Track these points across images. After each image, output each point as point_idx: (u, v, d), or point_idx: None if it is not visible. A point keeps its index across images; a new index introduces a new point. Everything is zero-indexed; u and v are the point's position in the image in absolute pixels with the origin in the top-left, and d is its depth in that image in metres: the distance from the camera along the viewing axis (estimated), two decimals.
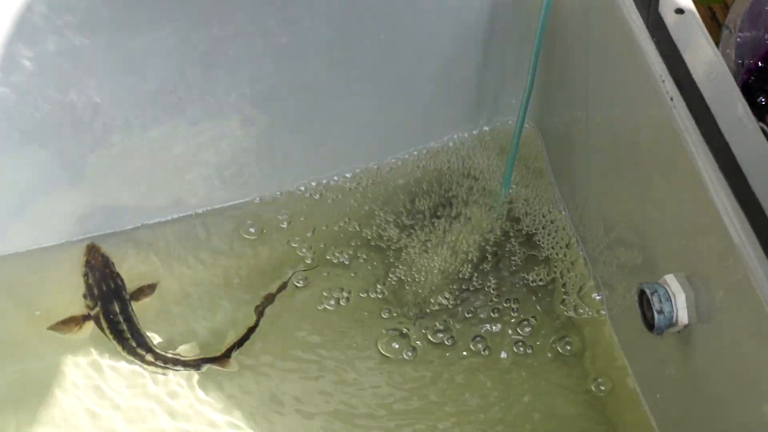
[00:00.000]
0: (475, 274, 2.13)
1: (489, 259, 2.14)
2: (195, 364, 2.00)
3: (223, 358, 2.00)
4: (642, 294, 1.58)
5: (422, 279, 2.12)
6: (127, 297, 2.05)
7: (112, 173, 2.09)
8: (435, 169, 2.29)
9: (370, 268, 2.15)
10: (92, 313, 2.03)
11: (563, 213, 2.19)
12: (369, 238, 2.19)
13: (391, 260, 2.15)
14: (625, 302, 1.93)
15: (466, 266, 2.14)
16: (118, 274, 2.08)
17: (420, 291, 2.11)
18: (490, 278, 2.12)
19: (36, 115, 1.92)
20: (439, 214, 2.21)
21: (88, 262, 2.08)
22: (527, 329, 2.05)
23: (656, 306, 1.55)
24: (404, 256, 2.16)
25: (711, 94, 1.50)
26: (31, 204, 2.07)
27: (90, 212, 2.14)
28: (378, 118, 2.23)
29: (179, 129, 2.06)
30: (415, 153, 2.31)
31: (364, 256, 2.16)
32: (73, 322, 2.03)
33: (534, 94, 2.04)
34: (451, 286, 2.11)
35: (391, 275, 2.13)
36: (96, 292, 2.04)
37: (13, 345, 2.06)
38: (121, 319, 2.01)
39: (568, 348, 2.03)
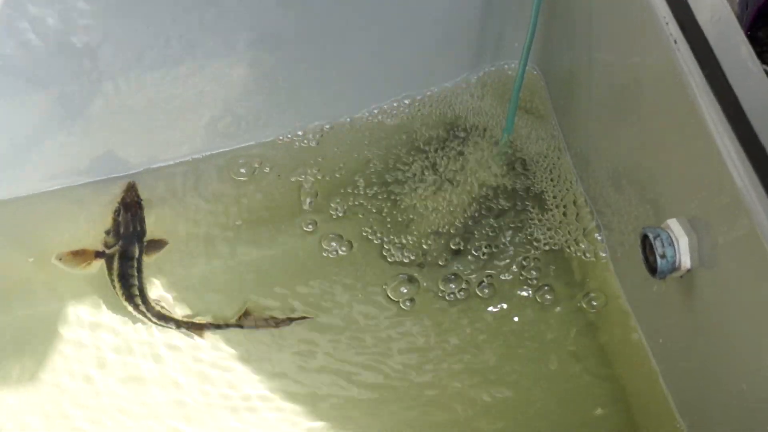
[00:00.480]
0: (478, 217, 2.12)
1: (491, 202, 2.14)
2: (186, 327, 2.00)
3: (200, 329, 2.00)
4: (645, 238, 1.58)
5: (426, 223, 2.12)
6: (144, 245, 2.05)
7: (114, 118, 2.08)
8: (437, 113, 2.27)
9: (373, 212, 2.15)
10: (108, 251, 2.03)
11: (566, 156, 2.18)
12: (371, 182, 2.19)
13: (394, 204, 2.15)
14: (627, 247, 1.93)
15: (469, 209, 2.13)
16: (144, 220, 2.07)
17: (424, 235, 2.11)
18: (492, 222, 2.12)
19: (38, 61, 1.90)
20: (441, 157, 2.20)
21: (124, 200, 2.08)
22: (531, 274, 2.05)
23: (659, 250, 1.55)
24: (407, 200, 2.15)
25: (715, 36, 1.49)
26: (34, 149, 2.07)
27: (92, 157, 2.14)
28: (380, 62, 2.21)
29: (181, 73, 2.04)
30: (418, 96, 2.29)
31: (367, 201, 2.16)
32: (83, 256, 2.03)
33: (537, 37, 2.02)
34: (454, 230, 2.11)
35: (394, 219, 2.13)
36: (122, 230, 2.04)
37: (15, 290, 2.07)
38: (135, 264, 2.01)
39: (573, 293, 2.04)
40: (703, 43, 1.49)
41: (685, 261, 1.55)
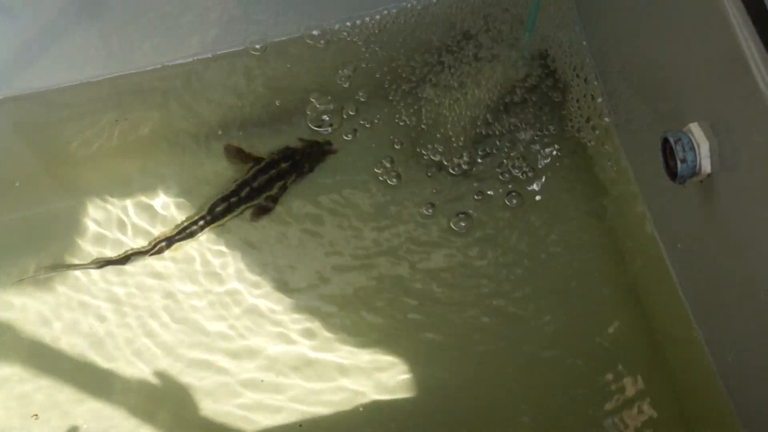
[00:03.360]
0: (499, 114, 2.11)
1: (513, 99, 2.13)
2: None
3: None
4: (665, 142, 1.57)
5: (450, 118, 2.11)
6: (274, 192, 2.06)
7: (132, 12, 2.07)
8: (460, 7, 2.24)
9: (396, 109, 2.15)
10: (267, 162, 2.06)
11: (588, 55, 2.14)
12: (398, 77, 2.18)
13: (417, 101, 2.15)
14: (647, 151, 1.91)
15: (491, 105, 2.12)
16: (305, 176, 2.09)
17: (447, 132, 2.10)
18: (513, 120, 2.11)
19: None
20: (464, 53, 2.18)
21: (319, 147, 2.11)
22: (549, 173, 2.06)
23: (679, 155, 1.53)
24: (430, 95, 2.14)
25: None
26: (53, 44, 2.07)
27: (110, 53, 2.13)
28: None
29: None
30: None
31: (392, 98, 2.16)
32: (243, 155, 2.09)
33: None
34: (476, 127, 2.10)
35: (417, 117, 2.13)
36: (297, 158, 2.08)
37: (29, 186, 2.09)
38: (263, 188, 2.05)
39: (591, 196, 2.04)
40: None
41: (706, 166, 1.53)
